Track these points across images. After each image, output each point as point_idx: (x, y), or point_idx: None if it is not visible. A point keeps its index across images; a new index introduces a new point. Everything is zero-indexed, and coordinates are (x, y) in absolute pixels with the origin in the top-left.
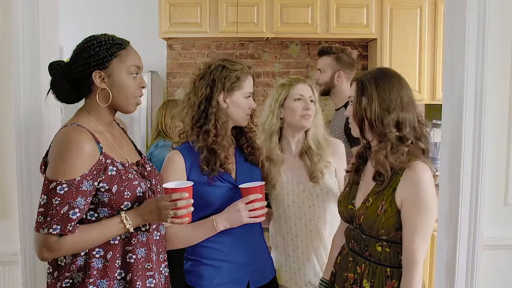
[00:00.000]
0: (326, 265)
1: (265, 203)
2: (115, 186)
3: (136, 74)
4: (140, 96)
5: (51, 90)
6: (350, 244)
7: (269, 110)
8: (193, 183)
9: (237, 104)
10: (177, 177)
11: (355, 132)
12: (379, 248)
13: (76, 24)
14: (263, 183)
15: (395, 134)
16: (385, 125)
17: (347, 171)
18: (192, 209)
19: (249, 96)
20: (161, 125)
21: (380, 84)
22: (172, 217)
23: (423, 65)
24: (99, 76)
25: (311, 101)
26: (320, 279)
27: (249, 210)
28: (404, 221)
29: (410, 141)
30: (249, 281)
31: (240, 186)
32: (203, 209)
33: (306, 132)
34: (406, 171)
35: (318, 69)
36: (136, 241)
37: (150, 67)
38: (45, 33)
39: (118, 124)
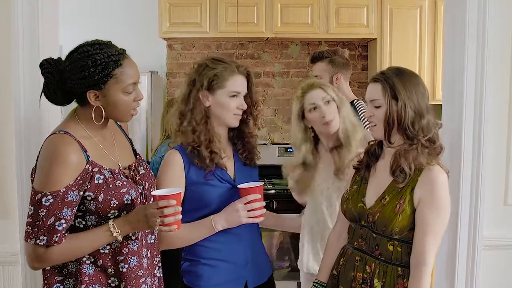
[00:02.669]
0: (321, 267)
1: (263, 203)
2: (102, 194)
3: (133, 90)
4: (136, 107)
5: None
6: (356, 244)
7: (294, 126)
8: (181, 190)
9: (221, 104)
10: (175, 177)
11: (379, 134)
12: (391, 247)
13: (76, 24)
14: (262, 183)
15: (428, 136)
16: (417, 130)
17: (355, 168)
18: (180, 216)
19: (235, 95)
20: (167, 128)
21: (408, 87)
22: (160, 225)
23: (423, 65)
24: (93, 95)
25: (327, 102)
26: (314, 282)
27: (248, 211)
28: (417, 221)
29: (438, 144)
30: (247, 281)
31: (239, 186)
32: (202, 209)
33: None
34: (424, 172)
35: (315, 76)
36: (127, 250)
37: (150, 67)
38: (45, 33)
39: (116, 121)
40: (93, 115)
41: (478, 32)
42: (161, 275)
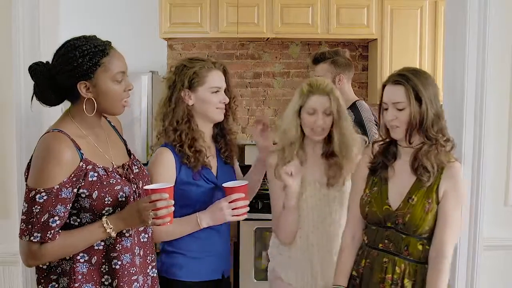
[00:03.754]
0: (339, 270)
1: (247, 202)
2: (96, 192)
3: (122, 79)
4: (127, 98)
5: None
6: (381, 245)
7: (290, 119)
8: (173, 184)
9: (203, 100)
10: (167, 175)
11: (400, 135)
12: (420, 247)
13: (76, 24)
14: (246, 182)
15: (446, 137)
16: (436, 130)
17: (371, 170)
18: (172, 209)
19: (217, 90)
20: None
21: (428, 88)
22: (153, 218)
23: (424, 65)
24: (84, 86)
25: (327, 114)
26: (333, 286)
27: (232, 209)
28: (439, 213)
29: (452, 142)
30: (224, 270)
31: (224, 185)
32: (185, 207)
33: (331, 135)
34: (447, 168)
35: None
36: (120, 247)
37: (151, 67)
38: (45, 33)
39: (110, 122)
40: (84, 107)
41: (478, 32)
42: (155, 274)
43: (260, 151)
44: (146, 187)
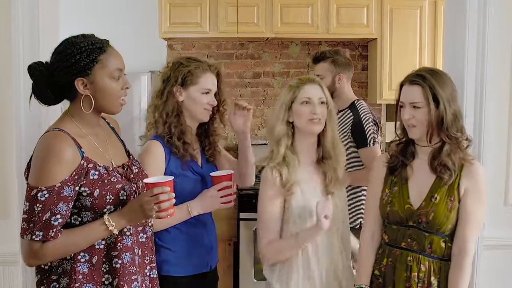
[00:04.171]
0: (362, 270)
1: (234, 190)
2: (97, 190)
3: (119, 76)
4: (124, 96)
5: (33, 95)
6: (404, 244)
7: (276, 114)
8: (173, 177)
9: (193, 99)
10: (157, 167)
11: (418, 135)
12: (443, 244)
13: (76, 24)
14: (232, 171)
15: (465, 135)
16: (456, 130)
17: (389, 169)
18: (174, 201)
19: (207, 92)
20: None
21: (445, 89)
22: (156, 212)
23: (423, 65)
24: (81, 83)
25: (322, 102)
26: (358, 286)
27: (221, 197)
28: (461, 211)
29: (470, 141)
30: (211, 264)
31: (211, 174)
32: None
33: (320, 137)
34: (466, 166)
35: (317, 76)
36: (121, 246)
37: (150, 67)
38: (44, 33)
39: (108, 124)
40: (81, 104)
41: (478, 31)
42: (155, 276)
43: (237, 134)
44: (146, 180)
